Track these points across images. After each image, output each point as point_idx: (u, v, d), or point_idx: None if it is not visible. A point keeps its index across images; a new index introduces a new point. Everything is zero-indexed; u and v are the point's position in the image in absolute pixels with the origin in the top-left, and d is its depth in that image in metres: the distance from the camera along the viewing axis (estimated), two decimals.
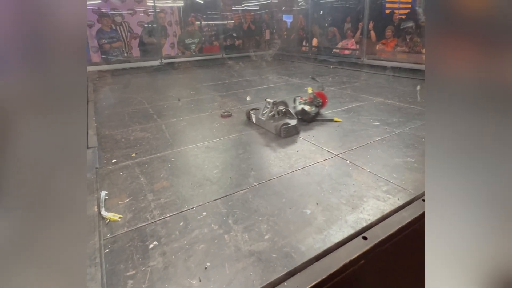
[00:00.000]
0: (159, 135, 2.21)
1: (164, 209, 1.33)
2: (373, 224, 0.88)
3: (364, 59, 4.52)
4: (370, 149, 1.82)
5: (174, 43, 7.36)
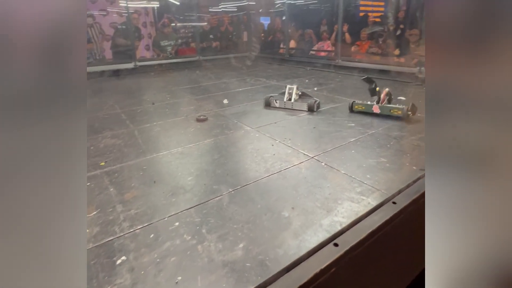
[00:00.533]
0: (131, 141, 2.12)
1: (134, 220, 1.26)
2: (344, 229, 0.88)
3: (339, 61, 4.62)
4: (345, 151, 1.85)
5: (149, 45, 7.17)
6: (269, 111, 2.72)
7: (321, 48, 5.67)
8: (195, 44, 6.47)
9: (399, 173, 1.57)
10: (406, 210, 0.97)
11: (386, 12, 6.02)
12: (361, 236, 0.83)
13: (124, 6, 5.72)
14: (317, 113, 2.60)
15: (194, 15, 6.86)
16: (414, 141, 1.97)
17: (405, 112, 2.32)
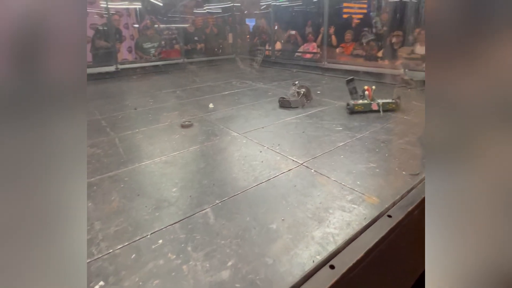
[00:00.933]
0: (111, 151, 2.01)
1: (114, 240, 1.17)
2: (340, 249, 0.83)
3: (325, 63, 4.63)
4: (334, 156, 1.82)
5: (132, 47, 6.97)
6: (256, 115, 2.67)
7: (306, 50, 5.68)
8: (179, 46, 6.34)
9: (389, 179, 1.55)
10: (401, 224, 0.94)
11: (370, 14, 6.12)
12: (357, 255, 0.79)
13: (104, 7, 5.52)
14: (305, 117, 2.57)
15: (178, 17, 6.73)
16: (402, 144, 1.96)
17: (398, 103, 2.60)
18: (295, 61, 5.45)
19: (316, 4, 6.02)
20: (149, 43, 5.92)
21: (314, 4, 6.18)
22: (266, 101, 3.17)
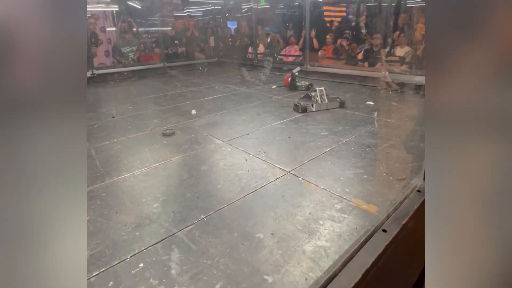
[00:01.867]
0: (87, 163, 1.88)
1: (89, 265, 1.07)
2: (337, 271, 0.79)
3: (308, 66, 4.65)
4: (321, 162, 1.79)
5: (109, 51, 6.72)
6: (240, 121, 2.61)
7: (288, 53, 5.69)
8: (159, 50, 6.18)
9: (377, 184, 1.53)
10: (397, 238, 0.91)
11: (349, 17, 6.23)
12: (355, 278, 0.74)
13: None
14: (290, 122, 2.54)
15: (157, 20, 6.56)
16: (387, 148, 1.97)
17: None
18: (277, 64, 5.44)
19: (297, 8, 6.07)
20: (128, 47, 5.73)
21: (295, 8, 6.23)
22: (250, 106, 3.12)
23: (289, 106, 3.04)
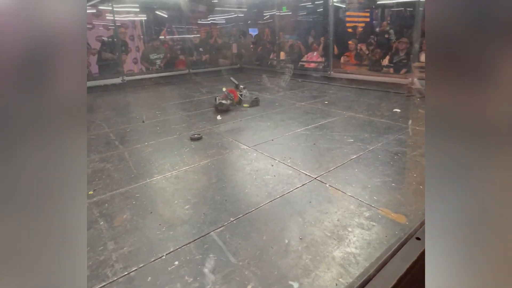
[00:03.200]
0: (121, 165, 1.99)
1: (128, 261, 1.14)
2: (371, 276, 0.80)
3: (331, 73, 4.63)
4: (348, 169, 1.78)
5: (137, 58, 7.05)
6: (264, 127, 2.65)
7: (310, 59, 5.70)
8: (184, 57, 6.40)
9: (406, 194, 1.51)
10: None
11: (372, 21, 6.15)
12: (390, 283, 0.75)
13: (111, 20, 5.61)
14: (314, 128, 2.55)
15: (183, 28, 6.82)
16: (416, 157, 1.93)
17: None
18: (299, 70, 5.46)
19: (320, 14, 6.08)
20: (155, 54, 5.98)
21: (318, 14, 6.24)
22: (274, 112, 3.16)
23: (312, 112, 3.05)
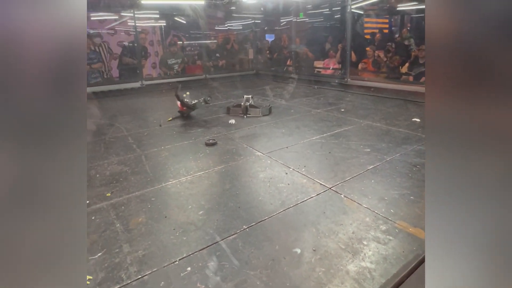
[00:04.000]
0: (138, 168, 2.04)
1: (142, 264, 1.16)
2: None
3: (348, 80, 4.58)
4: (364, 180, 1.74)
5: (156, 63, 7.25)
6: (279, 134, 2.65)
7: (327, 66, 5.66)
8: (201, 62, 6.52)
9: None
10: None
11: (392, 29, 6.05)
12: None
13: (131, 25, 5.82)
14: (330, 137, 2.52)
15: (200, 33, 6.95)
16: None
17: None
18: (315, 77, 5.43)
19: (337, 20, 6.04)
20: (173, 59, 6.12)
21: (335, 20, 6.21)
22: (289, 118, 3.15)
23: (328, 120, 3.02)
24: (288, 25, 7.00)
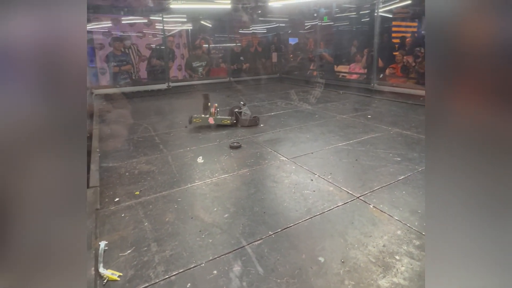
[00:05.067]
0: (165, 168, 2.09)
1: (169, 264, 1.18)
2: None
3: (375, 85, 4.45)
4: (394, 191, 1.67)
5: (181, 65, 7.44)
6: (304, 139, 2.61)
7: (353, 70, 5.54)
8: (225, 66, 6.60)
9: None
10: None
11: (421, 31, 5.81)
12: None
13: (160, 29, 6.01)
14: (357, 144, 2.45)
15: (225, 37, 7.06)
16: None
17: (232, 121, 3.03)
18: (340, 82, 5.33)
19: (364, 24, 5.90)
20: (198, 62, 6.25)
21: (361, 23, 6.07)
22: (314, 124, 3.10)
23: (354, 126, 2.94)
24: (313, 29, 6.93)
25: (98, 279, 1.10)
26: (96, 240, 1.30)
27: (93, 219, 1.43)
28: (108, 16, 5.95)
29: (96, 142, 2.63)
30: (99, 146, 2.55)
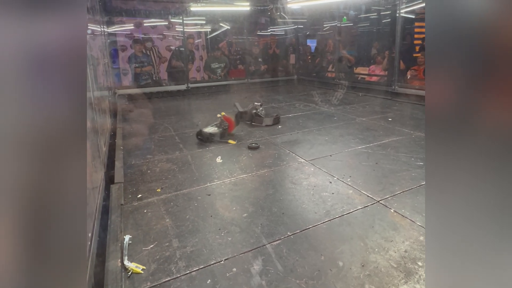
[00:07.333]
0: (185, 167, 2.14)
1: (190, 260, 1.21)
2: None
3: (396, 87, 4.34)
4: (417, 196, 1.63)
5: (200, 66, 7.57)
6: (322, 141, 2.60)
7: (373, 72, 5.43)
8: (244, 67, 6.66)
9: None
10: None
11: None
12: None
13: (180, 31, 6.15)
14: (377, 147, 2.40)
15: (243, 38, 7.12)
16: None
17: None
18: (360, 84, 5.24)
19: (385, 24, 5.77)
20: (217, 63, 6.35)
21: (382, 24, 5.94)
22: (332, 126, 3.07)
23: (374, 129, 2.89)
24: (331, 30, 6.86)
25: (123, 271, 1.15)
26: (121, 233, 1.36)
27: (118, 214, 1.49)
28: (131, 19, 6.17)
29: (120, 140, 2.73)
30: (123, 142, 2.65)
